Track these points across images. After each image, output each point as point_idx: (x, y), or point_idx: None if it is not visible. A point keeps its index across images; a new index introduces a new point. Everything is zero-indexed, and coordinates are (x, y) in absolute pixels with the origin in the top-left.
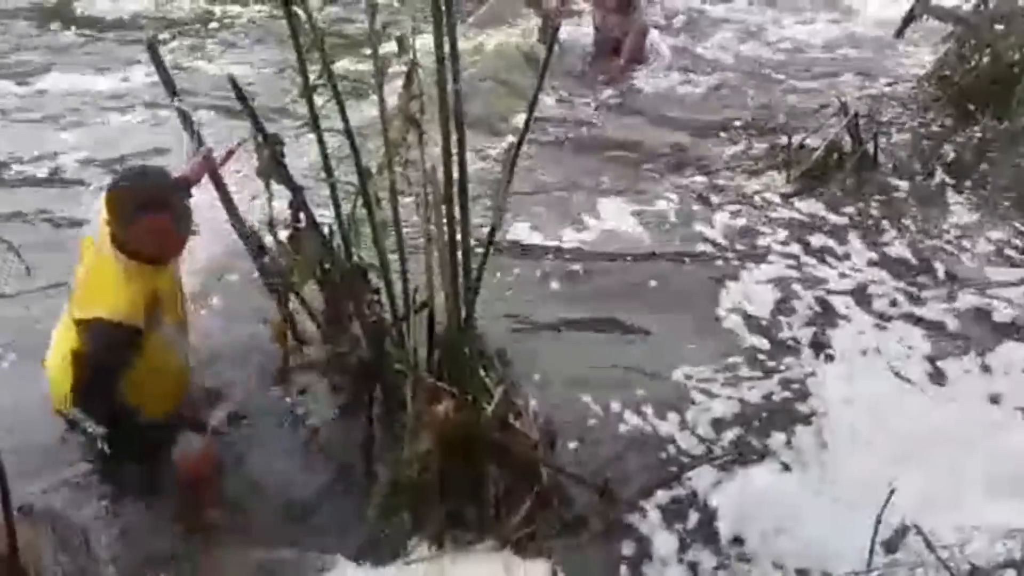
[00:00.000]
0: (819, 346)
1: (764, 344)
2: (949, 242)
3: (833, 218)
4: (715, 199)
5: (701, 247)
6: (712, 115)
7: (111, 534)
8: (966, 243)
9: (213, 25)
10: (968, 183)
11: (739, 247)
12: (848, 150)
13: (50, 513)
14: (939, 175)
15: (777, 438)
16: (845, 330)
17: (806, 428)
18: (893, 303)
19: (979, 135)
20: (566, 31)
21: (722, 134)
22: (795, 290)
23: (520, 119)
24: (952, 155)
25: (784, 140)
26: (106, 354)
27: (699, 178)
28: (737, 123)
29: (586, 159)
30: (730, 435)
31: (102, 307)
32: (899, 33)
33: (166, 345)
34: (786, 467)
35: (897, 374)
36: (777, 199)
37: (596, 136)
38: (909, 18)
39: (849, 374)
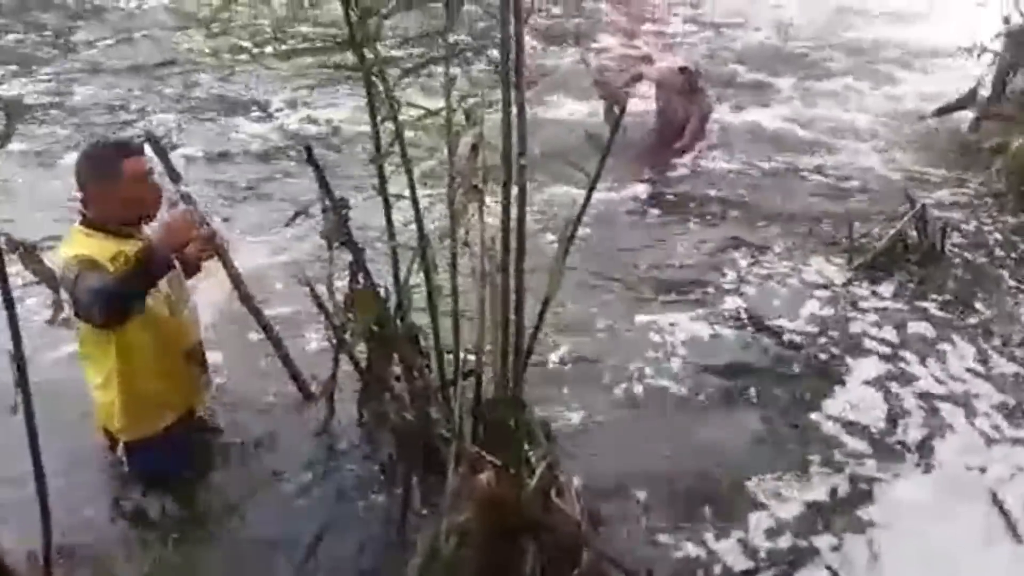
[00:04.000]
0: (919, 454)
1: (848, 447)
2: None
3: (915, 312)
4: (781, 287)
5: (776, 340)
6: (771, 202)
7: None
8: None
9: None
10: None
11: (816, 341)
12: (913, 241)
13: (88, 554)
14: (1008, 273)
15: (836, 547)
16: (946, 439)
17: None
18: (994, 415)
19: None
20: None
21: (780, 220)
22: (891, 389)
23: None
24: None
25: (846, 229)
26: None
27: (761, 264)
28: (795, 209)
29: (648, 241)
30: (785, 541)
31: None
32: (938, 113)
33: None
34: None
35: (994, 497)
36: (847, 290)
37: (660, 218)
38: (954, 107)
39: (941, 487)
